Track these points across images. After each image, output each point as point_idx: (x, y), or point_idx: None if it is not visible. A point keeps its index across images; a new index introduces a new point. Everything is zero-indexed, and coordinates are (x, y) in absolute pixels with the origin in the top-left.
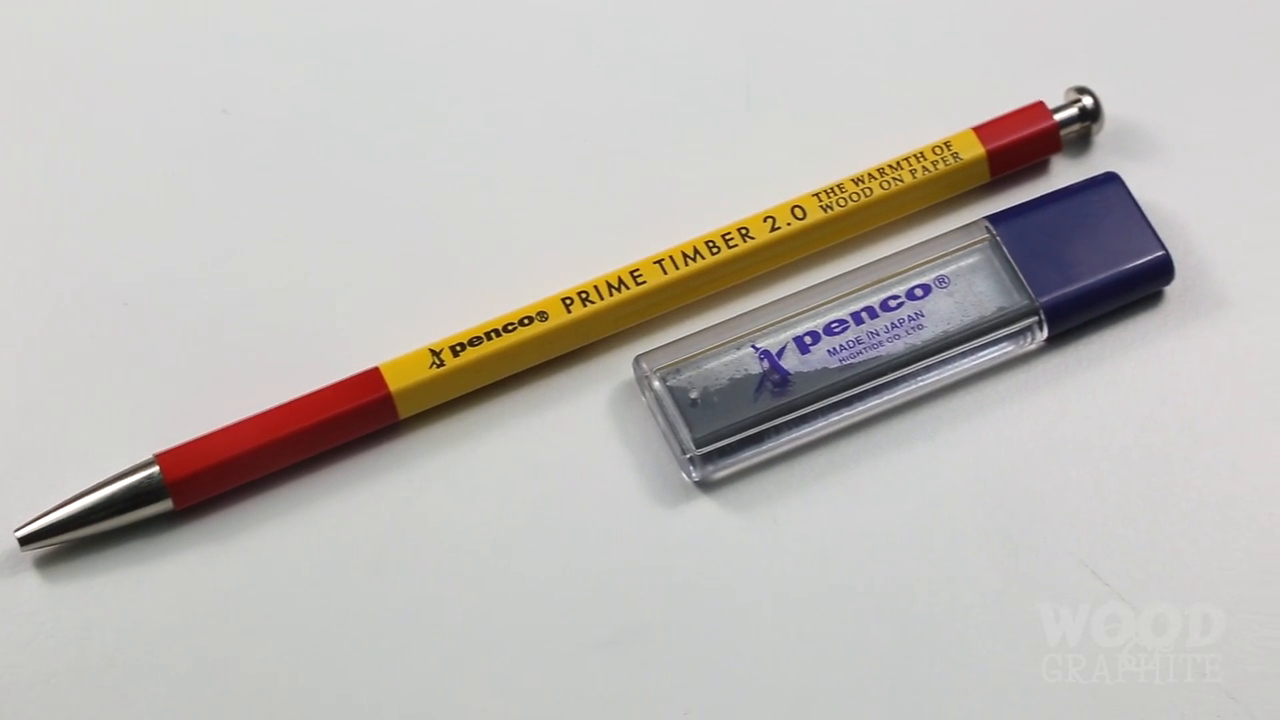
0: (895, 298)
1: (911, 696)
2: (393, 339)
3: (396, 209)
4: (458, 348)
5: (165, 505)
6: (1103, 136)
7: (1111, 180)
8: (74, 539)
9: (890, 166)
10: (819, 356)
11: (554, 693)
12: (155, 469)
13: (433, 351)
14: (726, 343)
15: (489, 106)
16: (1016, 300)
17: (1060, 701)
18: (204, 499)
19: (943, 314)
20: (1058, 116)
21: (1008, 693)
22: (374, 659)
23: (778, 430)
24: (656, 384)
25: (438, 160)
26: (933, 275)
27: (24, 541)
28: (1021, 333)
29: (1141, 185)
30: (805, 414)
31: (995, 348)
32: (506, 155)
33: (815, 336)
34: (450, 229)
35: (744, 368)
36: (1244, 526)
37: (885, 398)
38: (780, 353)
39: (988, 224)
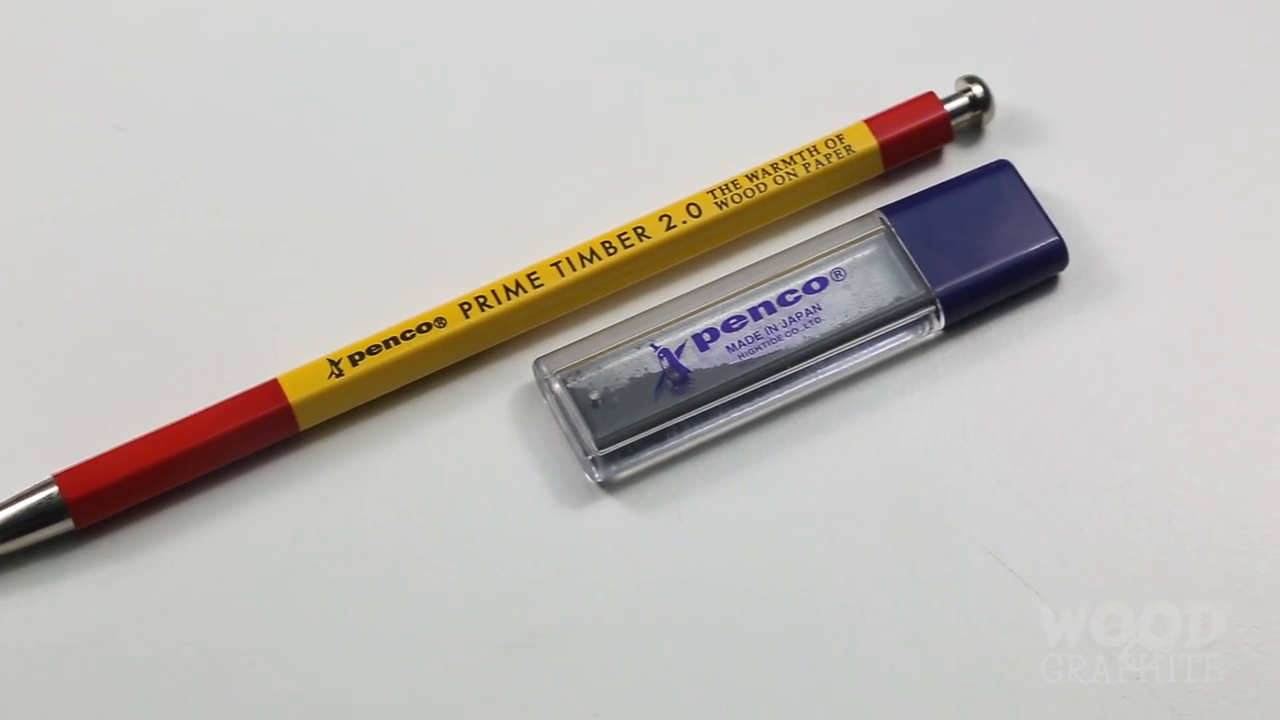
0: (792, 292)
1: (817, 691)
2: (290, 350)
3: (290, 220)
4: (356, 357)
5: (66, 525)
6: (994, 125)
7: (1004, 168)
8: None
9: (784, 161)
10: (718, 353)
11: (462, 697)
12: (55, 489)
13: (331, 361)
14: (626, 342)
15: (381, 113)
16: (913, 290)
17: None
18: (105, 517)
19: (840, 306)
20: (948, 106)
21: (924, 680)
22: (281, 670)
23: (679, 428)
24: (557, 386)
25: (331, 169)
26: (829, 268)
27: None
28: (919, 322)
29: (1034, 172)
30: (706, 411)
31: (894, 338)
32: (400, 161)
33: (714, 333)
34: (345, 238)
35: (644, 367)
36: (1144, 508)
37: (786, 392)
38: (679, 351)
39: (882, 215)
